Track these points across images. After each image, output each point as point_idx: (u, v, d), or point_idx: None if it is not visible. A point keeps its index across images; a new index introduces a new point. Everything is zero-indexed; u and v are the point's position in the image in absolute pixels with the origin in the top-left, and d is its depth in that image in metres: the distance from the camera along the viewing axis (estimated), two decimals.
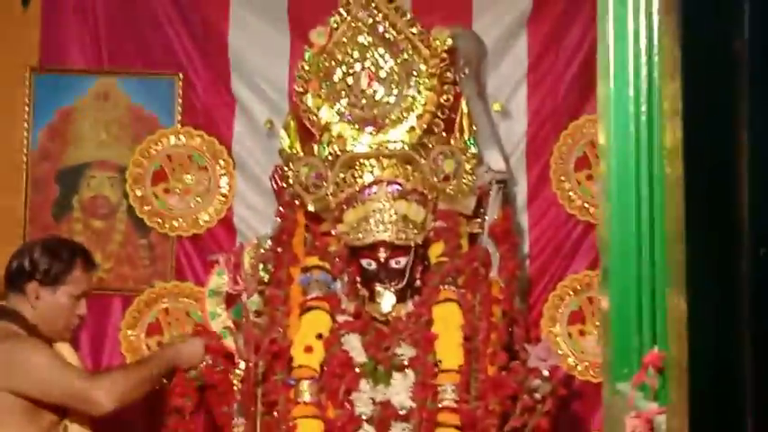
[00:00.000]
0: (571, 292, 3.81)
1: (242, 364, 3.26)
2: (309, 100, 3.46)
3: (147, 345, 3.74)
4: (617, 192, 1.94)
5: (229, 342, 3.36)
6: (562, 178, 3.82)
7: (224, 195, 3.83)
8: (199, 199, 3.82)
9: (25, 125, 3.81)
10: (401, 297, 3.31)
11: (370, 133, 3.42)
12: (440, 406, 3.13)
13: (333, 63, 3.45)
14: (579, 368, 3.79)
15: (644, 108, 1.88)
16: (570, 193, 3.82)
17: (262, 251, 3.37)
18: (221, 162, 3.83)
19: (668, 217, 1.48)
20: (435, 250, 3.37)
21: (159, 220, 3.80)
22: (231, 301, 3.36)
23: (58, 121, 3.81)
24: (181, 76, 3.83)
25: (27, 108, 3.81)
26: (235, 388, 3.28)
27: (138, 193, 3.80)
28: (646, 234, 1.82)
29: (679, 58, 1.42)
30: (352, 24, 3.47)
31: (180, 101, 3.83)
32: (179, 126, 3.83)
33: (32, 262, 3.06)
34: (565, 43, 3.82)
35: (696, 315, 1.34)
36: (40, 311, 3.04)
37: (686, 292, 1.34)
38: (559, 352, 3.72)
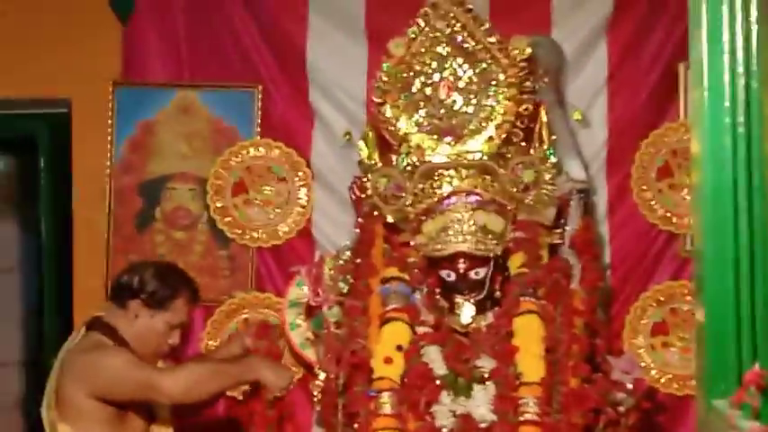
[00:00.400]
0: (654, 304, 3.75)
1: (321, 376, 3.26)
2: (388, 111, 3.43)
3: None
4: (713, 202, 1.89)
5: (310, 353, 3.38)
6: (644, 187, 3.77)
7: (303, 206, 3.85)
8: (278, 210, 3.84)
9: (108, 138, 3.86)
10: (481, 308, 3.28)
11: (449, 143, 3.39)
12: (521, 419, 3.09)
13: (411, 74, 3.43)
14: (662, 381, 3.72)
15: (741, 119, 1.82)
16: (652, 203, 3.77)
17: (341, 262, 3.37)
18: (300, 173, 3.85)
19: None
20: (515, 261, 3.34)
21: (239, 232, 3.83)
22: (311, 312, 3.37)
23: (139, 133, 3.87)
24: (260, 88, 3.86)
25: (110, 121, 3.86)
26: (315, 399, 3.29)
27: (219, 204, 3.83)
28: (745, 246, 1.77)
29: None
30: (431, 35, 3.43)
31: (259, 113, 3.85)
32: (258, 138, 3.85)
33: (141, 281, 3.11)
34: (645, 50, 3.78)
35: None
36: (136, 330, 3.09)
37: None
38: (642, 364, 3.65)
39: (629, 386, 3.16)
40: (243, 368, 3.17)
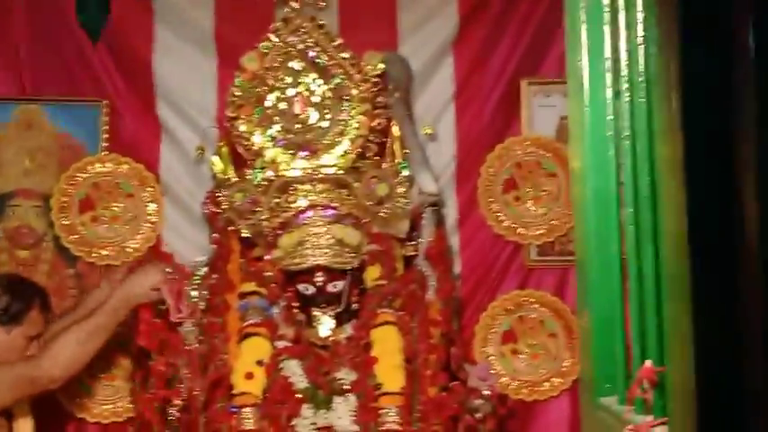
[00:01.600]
0: (502, 312, 3.85)
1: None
2: (242, 126, 3.43)
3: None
4: (597, 211, 1.98)
5: None
6: (490, 199, 3.87)
7: (152, 223, 3.77)
8: (127, 227, 3.75)
9: None
10: (339, 321, 3.32)
11: (304, 158, 3.41)
12: (382, 429, 3.14)
13: (265, 88, 3.44)
14: (512, 387, 3.82)
15: (627, 132, 1.91)
16: (498, 215, 3.87)
17: (197, 278, 3.33)
18: (149, 189, 3.77)
19: (669, 232, 1.51)
20: (371, 274, 3.38)
21: (86, 249, 3.72)
22: None
23: None
24: (106, 102, 3.76)
25: None
26: (171, 418, 3.22)
27: (65, 222, 3.71)
28: (632, 250, 1.85)
29: (677, 76, 1.45)
30: (283, 49, 3.46)
31: (106, 128, 3.76)
32: (105, 153, 3.76)
33: None
34: (490, 65, 3.88)
35: (702, 330, 1.36)
36: None
37: (691, 306, 1.37)
38: (493, 371, 3.74)
39: (486, 393, 3.25)
40: (111, 310, 3.03)
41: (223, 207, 3.42)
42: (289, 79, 3.44)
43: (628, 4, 1.90)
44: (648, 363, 1.78)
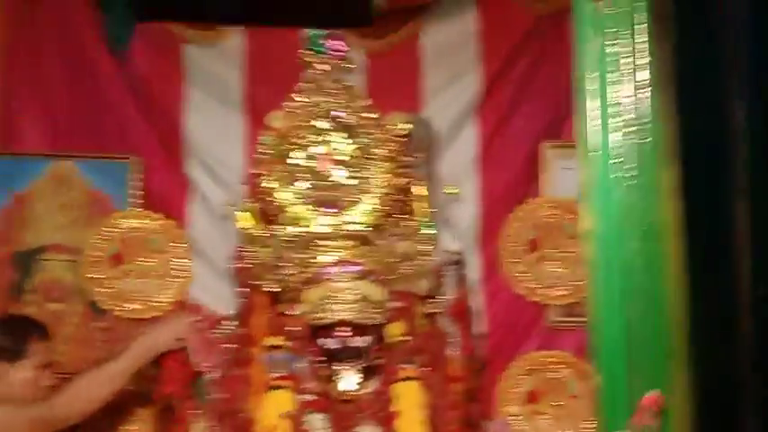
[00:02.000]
0: (524, 372, 3.85)
1: None
2: (268, 182, 3.50)
3: None
4: (604, 268, 2.00)
5: None
6: (513, 260, 3.90)
7: (180, 278, 3.83)
8: (156, 282, 3.81)
9: None
10: (363, 376, 3.34)
11: (329, 215, 3.46)
12: None
13: (291, 146, 3.51)
14: None
15: (634, 189, 1.94)
16: (521, 275, 3.90)
17: (226, 331, 3.38)
18: (177, 244, 3.83)
19: (671, 291, 1.54)
20: (393, 330, 3.42)
21: (115, 304, 3.78)
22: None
23: (14, 204, 3.79)
24: (136, 158, 3.85)
25: None
26: None
27: (95, 276, 3.78)
28: (640, 299, 1.88)
29: (677, 141, 1.49)
30: (309, 108, 3.54)
31: (135, 184, 3.83)
32: (135, 209, 3.84)
33: None
34: (513, 127, 3.95)
35: (699, 377, 1.38)
36: (8, 389, 3.00)
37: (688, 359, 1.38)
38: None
39: None
40: (132, 357, 3.10)
41: (249, 262, 3.46)
42: (314, 137, 3.51)
43: (634, 52, 1.96)
44: (651, 392, 1.81)
